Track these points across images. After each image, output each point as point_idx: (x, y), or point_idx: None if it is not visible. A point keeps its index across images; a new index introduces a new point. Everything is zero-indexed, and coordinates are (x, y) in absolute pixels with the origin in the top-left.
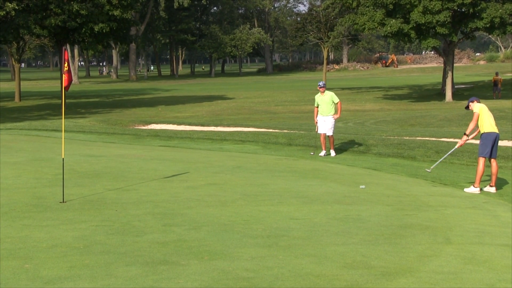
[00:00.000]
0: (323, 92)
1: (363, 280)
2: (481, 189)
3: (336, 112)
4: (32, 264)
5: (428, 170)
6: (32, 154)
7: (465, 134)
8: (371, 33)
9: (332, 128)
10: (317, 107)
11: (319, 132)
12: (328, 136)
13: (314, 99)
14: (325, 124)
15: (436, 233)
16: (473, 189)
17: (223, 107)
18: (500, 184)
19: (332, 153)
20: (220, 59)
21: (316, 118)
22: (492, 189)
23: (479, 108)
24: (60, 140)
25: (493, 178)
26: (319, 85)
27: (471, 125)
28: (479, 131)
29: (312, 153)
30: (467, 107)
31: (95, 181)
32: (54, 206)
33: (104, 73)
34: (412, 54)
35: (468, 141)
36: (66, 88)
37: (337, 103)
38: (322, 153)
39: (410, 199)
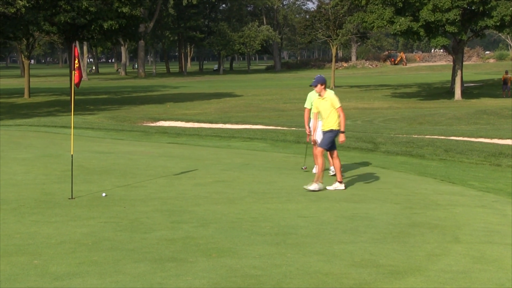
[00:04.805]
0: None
1: (372, 278)
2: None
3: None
4: (41, 260)
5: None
6: (41, 151)
7: (342, 132)
8: (380, 31)
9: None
10: (310, 109)
11: (316, 139)
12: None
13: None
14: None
15: (445, 232)
16: (338, 185)
17: (232, 104)
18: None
19: (314, 169)
20: (229, 56)
21: (308, 126)
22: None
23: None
24: (69, 136)
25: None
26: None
27: (344, 120)
28: (326, 123)
29: (304, 167)
30: (314, 86)
31: (103, 177)
32: (62, 203)
33: (93, 71)
34: (421, 52)
35: (478, 140)
36: (77, 85)
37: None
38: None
39: (418, 198)
